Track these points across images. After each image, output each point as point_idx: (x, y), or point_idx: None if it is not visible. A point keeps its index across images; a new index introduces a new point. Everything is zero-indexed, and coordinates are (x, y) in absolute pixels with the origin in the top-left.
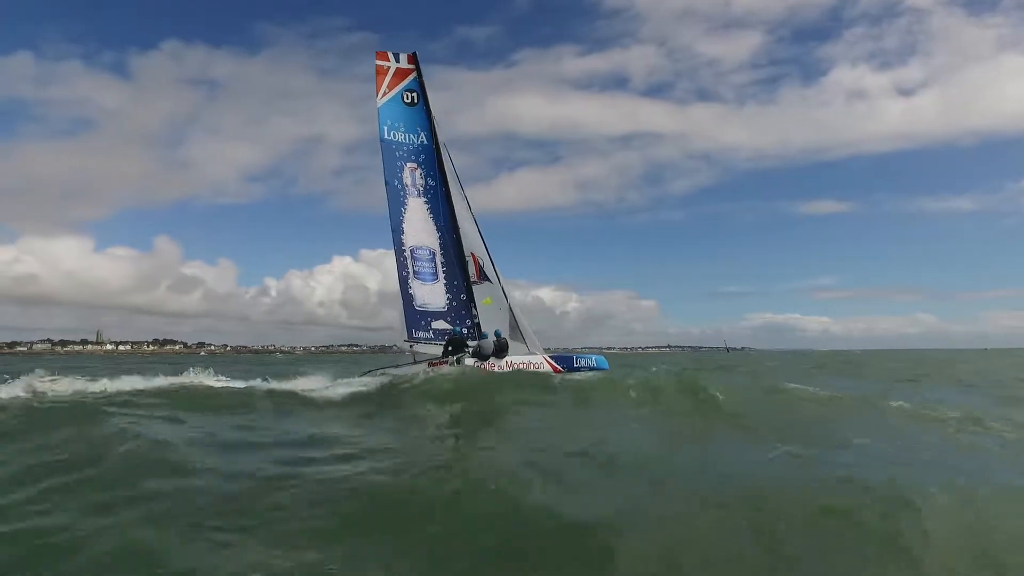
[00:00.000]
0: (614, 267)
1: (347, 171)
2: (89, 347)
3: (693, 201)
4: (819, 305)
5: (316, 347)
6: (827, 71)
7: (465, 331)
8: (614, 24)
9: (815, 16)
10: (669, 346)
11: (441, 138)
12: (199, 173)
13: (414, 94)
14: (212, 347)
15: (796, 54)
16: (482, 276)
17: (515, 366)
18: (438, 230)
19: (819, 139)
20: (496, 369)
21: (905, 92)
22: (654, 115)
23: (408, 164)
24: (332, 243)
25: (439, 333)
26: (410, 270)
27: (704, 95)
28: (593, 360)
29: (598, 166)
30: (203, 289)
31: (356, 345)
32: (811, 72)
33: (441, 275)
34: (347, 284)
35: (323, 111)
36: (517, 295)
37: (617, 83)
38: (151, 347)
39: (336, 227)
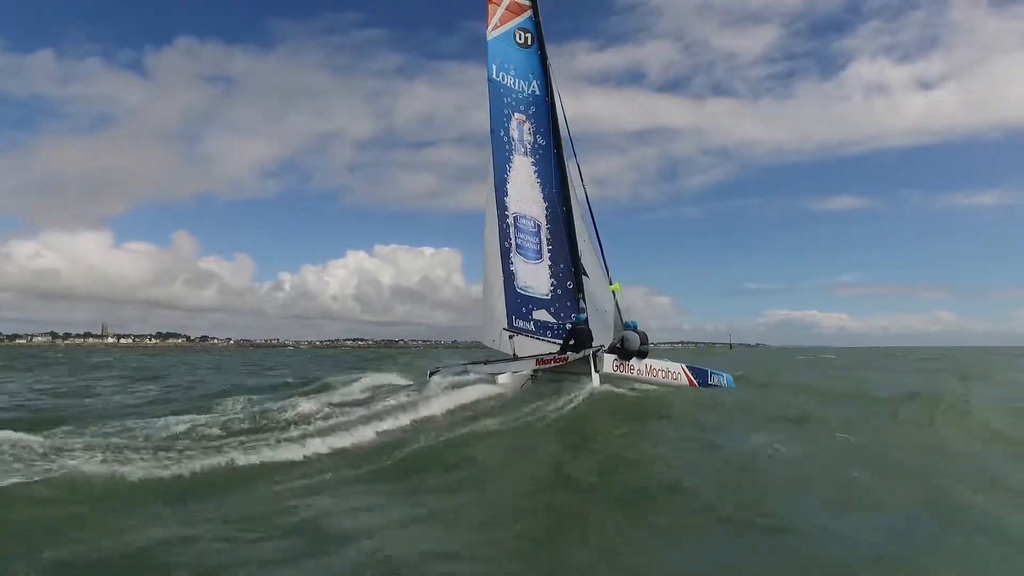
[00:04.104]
0: (630, 263)
1: (361, 167)
2: (91, 340)
3: (709, 197)
4: (838, 302)
5: (321, 341)
6: (845, 65)
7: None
8: (629, 19)
9: (832, 9)
10: (681, 342)
11: (556, 90)
12: (216, 169)
13: (528, 35)
14: (216, 341)
15: (813, 48)
16: None
17: (655, 372)
18: (545, 199)
19: (839, 134)
20: (634, 373)
21: (926, 85)
22: (670, 110)
23: (516, 115)
24: (346, 238)
25: (541, 327)
26: (513, 242)
27: (720, 89)
28: (724, 379)
29: (614, 162)
30: (219, 284)
31: (362, 339)
32: (829, 66)
33: (546, 254)
34: (361, 279)
35: (337, 107)
36: None
37: (632, 78)
38: (153, 340)
39: (350, 222)
